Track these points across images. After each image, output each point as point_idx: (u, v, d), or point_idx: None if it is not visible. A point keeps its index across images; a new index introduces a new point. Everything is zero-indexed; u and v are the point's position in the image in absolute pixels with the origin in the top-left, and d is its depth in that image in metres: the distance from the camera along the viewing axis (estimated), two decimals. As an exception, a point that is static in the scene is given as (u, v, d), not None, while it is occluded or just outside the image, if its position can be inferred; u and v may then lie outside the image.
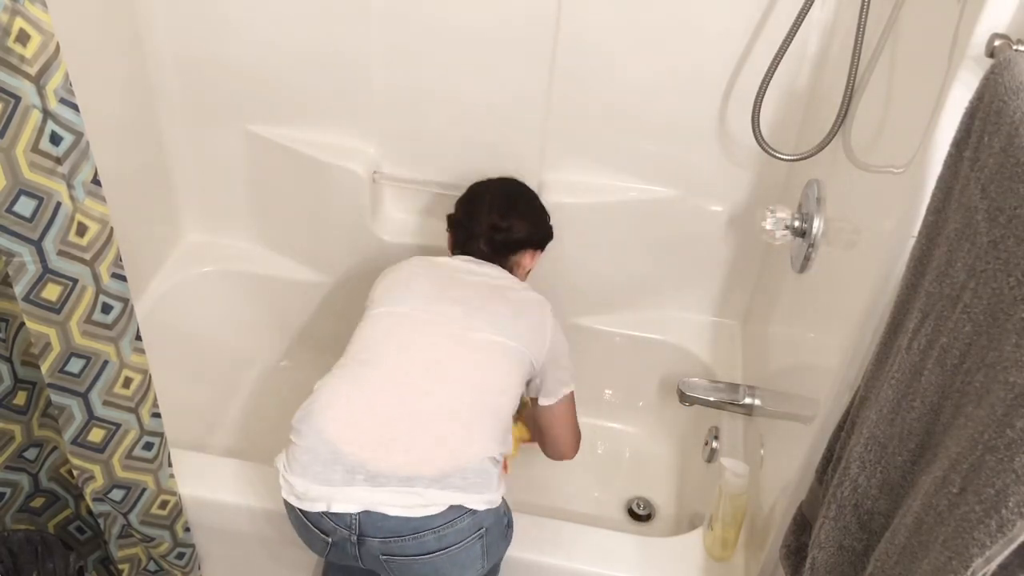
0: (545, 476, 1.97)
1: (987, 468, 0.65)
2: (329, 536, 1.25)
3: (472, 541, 1.25)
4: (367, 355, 1.35)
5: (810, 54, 1.54)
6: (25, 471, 1.41)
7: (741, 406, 1.69)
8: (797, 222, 1.42)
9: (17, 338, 1.27)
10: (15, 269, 1.10)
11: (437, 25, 1.62)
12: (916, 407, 0.82)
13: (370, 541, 1.22)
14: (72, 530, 1.54)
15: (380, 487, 1.21)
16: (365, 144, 1.82)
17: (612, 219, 1.81)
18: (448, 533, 1.22)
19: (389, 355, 1.34)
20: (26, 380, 1.32)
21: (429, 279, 1.47)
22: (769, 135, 1.49)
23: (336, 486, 1.22)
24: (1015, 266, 0.66)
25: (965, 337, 0.74)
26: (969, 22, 0.88)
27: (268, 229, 2.03)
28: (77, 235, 1.13)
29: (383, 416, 1.27)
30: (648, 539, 1.55)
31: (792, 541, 1.12)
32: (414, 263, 1.54)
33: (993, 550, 0.65)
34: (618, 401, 2.08)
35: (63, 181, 1.08)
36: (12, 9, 0.95)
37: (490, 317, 1.40)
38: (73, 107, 1.06)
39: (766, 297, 1.79)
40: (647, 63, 1.60)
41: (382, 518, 1.20)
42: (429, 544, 1.22)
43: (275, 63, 1.74)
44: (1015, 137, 0.69)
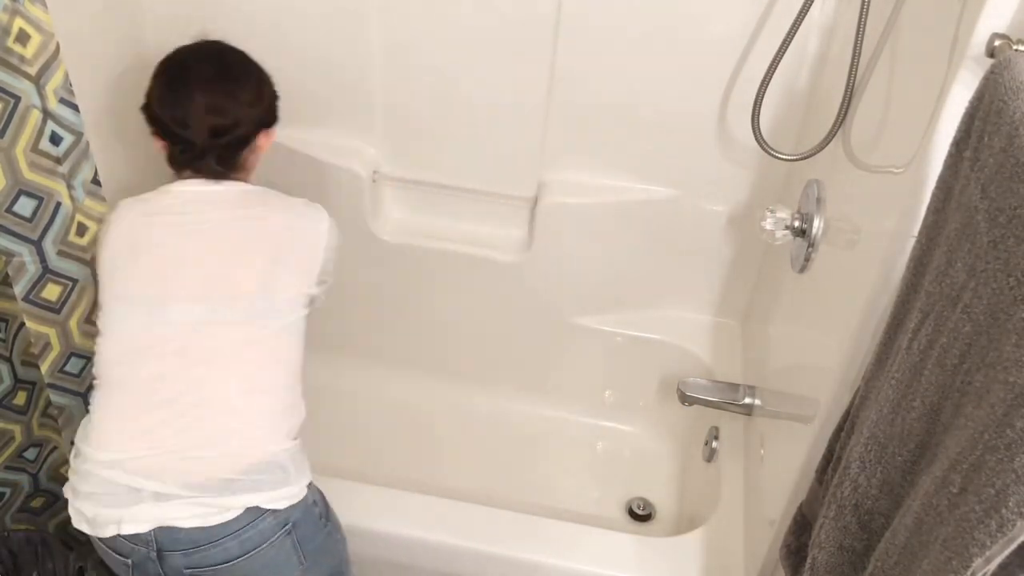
0: (545, 476, 1.98)
1: (987, 468, 0.65)
2: (128, 558, 1.18)
3: (279, 539, 1.19)
4: (120, 368, 1.21)
5: (810, 54, 1.54)
6: (25, 471, 1.41)
7: (741, 406, 1.69)
8: (797, 222, 1.42)
9: (17, 338, 1.27)
10: (15, 269, 1.10)
11: (437, 25, 1.62)
12: (916, 407, 0.82)
13: (171, 556, 1.16)
14: (72, 530, 1.54)
15: (168, 501, 1.14)
16: (365, 144, 1.82)
17: (612, 219, 1.81)
18: (251, 536, 1.17)
19: (142, 364, 1.20)
20: (26, 380, 1.32)
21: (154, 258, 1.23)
22: (769, 135, 1.49)
23: (124, 507, 1.15)
24: (1015, 266, 0.66)
25: (965, 337, 0.74)
26: (969, 22, 0.88)
27: (268, 229, 2.02)
28: (77, 235, 1.13)
29: (154, 427, 1.18)
30: (648, 539, 1.55)
31: (792, 541, 1.12)
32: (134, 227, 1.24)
33: (993, 550, 0.65)
34: (618, 401, 2.08)
35: (63, 181, 1.08)
36: (12, 9, 0.95)
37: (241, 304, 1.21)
38: (73, 107, 1.06)
39: (766, 297, 1.79)
40: (647, 63, 1.60)
41: (178, 531, 1.14)
42: (232, 550, 1.16)
43: (274, 63, 1.73)
44: (1015, 137, 0.68)
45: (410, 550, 1.51)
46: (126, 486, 1.15)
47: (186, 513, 1.14)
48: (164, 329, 1.21)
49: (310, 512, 1.24)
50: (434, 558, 1.51)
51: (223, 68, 1.33)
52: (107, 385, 1.21)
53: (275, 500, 1.18)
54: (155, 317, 1.21)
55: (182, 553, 1.16)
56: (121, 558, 1.19)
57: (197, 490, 1.15)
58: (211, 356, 1.21)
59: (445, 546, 1.49)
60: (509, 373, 2.07)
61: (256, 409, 1.21)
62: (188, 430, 1.18)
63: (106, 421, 1.19)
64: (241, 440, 1.19)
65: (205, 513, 1.15)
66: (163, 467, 1.16)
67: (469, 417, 2.08)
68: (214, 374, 1.21)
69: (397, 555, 1.53)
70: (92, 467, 1.17)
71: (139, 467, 1.16)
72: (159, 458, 1.16)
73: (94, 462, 1.17)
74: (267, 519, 1.18)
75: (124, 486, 1.15)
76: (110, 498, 1.16)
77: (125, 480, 1.16)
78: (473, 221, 1.89)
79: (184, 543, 1.15)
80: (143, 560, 1.18)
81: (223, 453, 1.17)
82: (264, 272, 1.23)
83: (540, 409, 2.09)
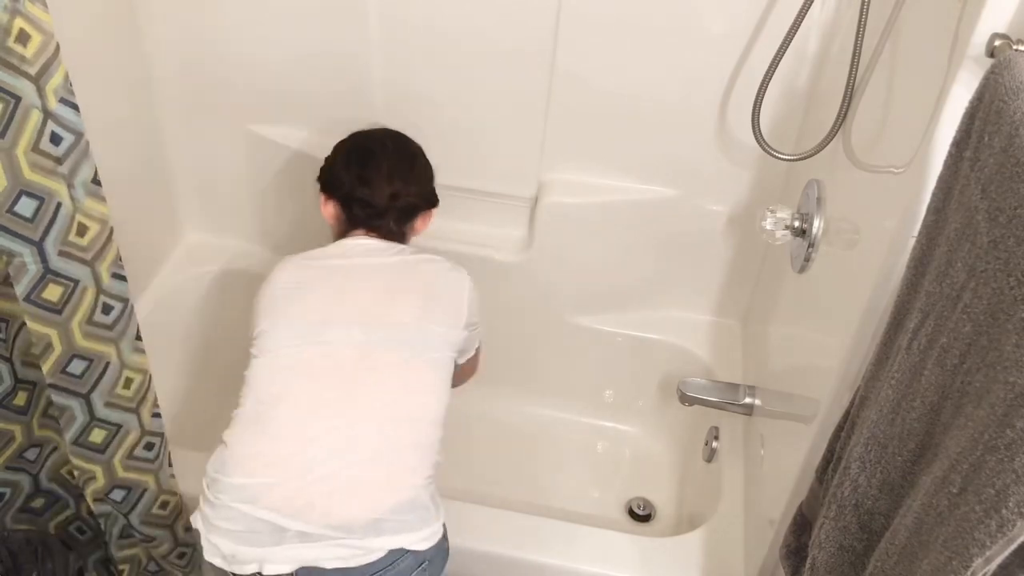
0: (545, 476, 1.98)
1: (987, 468, 0.65)
2: None
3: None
4: (268, 404, 1.24)
5: (810, 54, 1.54)
6: (25, 471, 1.41)
7: (741, 406, 1.69)
8: (797, 222, 1.42)
9: (17, 338, 1.27)
10: (16, 269, 1.10)
11: (437, 25, 1.62)
12: (916, 407, 0.82)
13: None
14: (72, 530, 1.54)
15: (313, 542, 1.14)
16: (365, 144, 1.82)
17: (612, 219, 1.81)
18: (389, 574, 1.16)
19: (294, 400, 1.23)
20: (26, 380, 1.32)
21: (317, 294, 1.33)
22: (769, 135, 1.49)
23: (266, 547, 1.14)
24: (1015, 266, 0.66)
25: (965, 337, 0.74)
26: (969, 22, 0.88)
27: (268, 229, 2.03)
28: (77, 235, 1.13)
29: (300, 466, 1.18)
30: (648, 539, 1.55)
31: (792, 541, 1.12)
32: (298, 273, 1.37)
33: (993, 550, 0.65)
34: (618, 401, 2.08)
35: (63, 181, 1.08)
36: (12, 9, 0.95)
37: (397, 332, 1.28)
38: (73, 107, 1.06)
39: (766, 297, 1.79)
40: (647, 63, 1.60)
41: (321, 572, 1.14)
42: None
43: (275, 63, 1.74)
44: (1015, 137, 0.69)
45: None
46: (270, 524, 1.15)
47: (330, 555, 1.14)
48: (322, 348, 1.26)
49: (443, 549, 1.25)
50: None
51: (402, 146, 1.51)
52: (255, 408, 1.23)
53: (418, 541, 1.18)
54: (314, 337, 1.27)
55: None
56: None
57: (343, 531, 1.14)
58: (365, 376, 1.24)
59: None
60: (509, 373, 2.07)
61: (405, 437, 1.22)
62: (337, 473, 1.18)
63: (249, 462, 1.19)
64: (387, 476, 1.19)
65: (350, 555, 1.14)
66: (307, 508, 1.15)
67: (469, 417, 2.07)
68: (367, 395, 1.24)
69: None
70: (230, 500, 1.17)
71: (283, 506, 1.15)
72: (304, 498, 1.16)
73: (237, 496, 1.17)
74: (408, 558, 1.17)
75: (268, 523, 1.15)
76: (252, 536, 1.15)
77: (269, 517, 1.15)
78: (473, 221, 1.89)
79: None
80: None
81: (369, 496, 1.17)
82: (418, 307, 1.32)
83: (540, 409, 2.10)
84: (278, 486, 1.17)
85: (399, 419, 1.24)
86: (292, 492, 1.17)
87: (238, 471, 1.19)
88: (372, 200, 1.41)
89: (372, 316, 1.29)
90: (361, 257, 1.38)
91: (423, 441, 1.24)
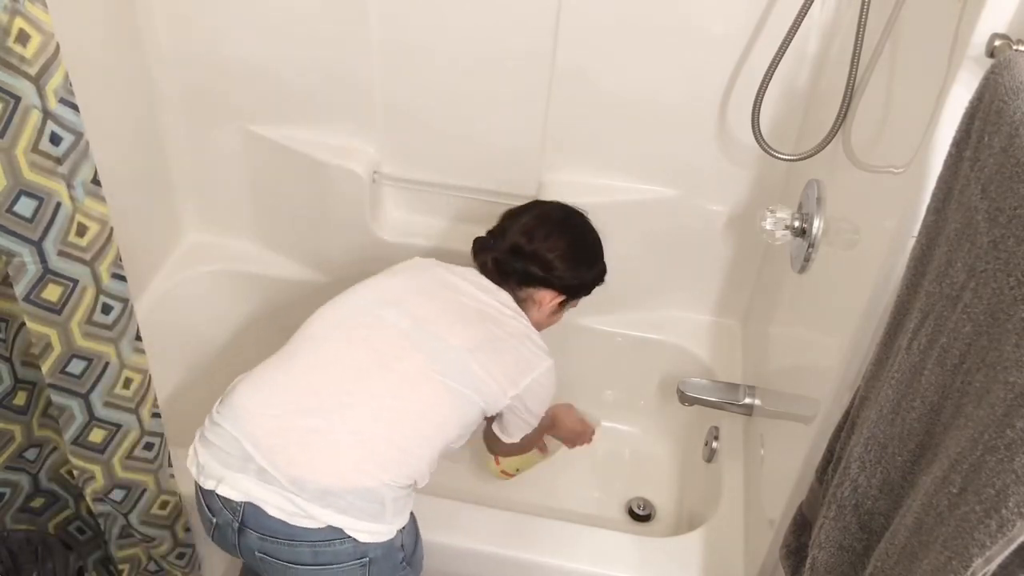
0: (545, 476, 1.97)
1: (987, 468, 0.65)
2: (215, 517, 1.22)
3: (352, 568, 1.20)
4: (297, 342, 1.30)
5: (810, 54, 1.54)
6: (25, 471, 1.41)
7: (741, 406, 1.69)
8: (797, 222, 1.42)
9: (17, 338, 1.27)
10: (15, 269, 1.10)
11: (437, 25, 1.62)
12: (916, 407, 0.82)
13: (250, 533, 1.19)
14: (72, 530, 1.54)
15: (267, 483, 1.17)
16: (365, 144, 1.82)
17: (612, 219, 1.80)
18: (324, 552, 1.18)
19: (318, 347, 1.28)
20: (26, 380, 1.32)
21: (405, 283, 1.39)
22: (769, 135, 1.49)
23: (230, 469, 1.18)
24: (1015, 266, 0.66)
25: (965, 337, 0.74)
26: (969, 22, 0.88)
27: (268, 229, 2.03)
28: (77, 235, 1.13)
29: (291, 409, 1.21)
30: (648, 539, 1.55)
31: (792, 541, 1.12)
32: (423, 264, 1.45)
33: (993, 550, 0.65)
34: (618, 401, 2.08)
35: (63, 181, 1.08)
36: (12, 9, 0.95)
37: (441, 346, 1.28)
38: (73, 107, 1.06)
39: (766, 297, 1.79)
40: (647, 63, 1.60)
41: (264, 515, 1.17)
42: (304, 556, 1.18)
43: (275, 63, 1.74)
44: (1015, 137, 0.69)
45: (410, 550, 1.51)
46: (241, 448, 1.18)
47: (276, 502, 1.16)
48: (370, 319, 1.30)
49: (392, 554, 1.25)
50: (434, 558, 1.51)
51: (571, 229, 1.50)
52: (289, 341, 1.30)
53: (359, 531, 1.18)
54: (372, 307, 1.32)
55: (259, 536, 1.19)
56: (209, 514, 1.23)
57: (296, 486, 1.16)
58: (390, 363, 1.25)
59: (445, 546, 1.49)
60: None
61: (389, 438, 1.22)
62: (319, 431, 1.20)
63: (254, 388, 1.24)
64: (360, 457, 1.19)
65: (292, 512, 1.16)
66: (277, 450, 1.18)
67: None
68: (378, 380, 1.24)
69: (397, 555, 1.53)
70: (222, 417, 1.22)
71: (259, 438, 1.19)
72: (280, 439, 1.19)
73: (229, 415, 1.22)
74: (347, 544, 1.18)
75: (240, 447, 1.19)
76: (223, 455, 1.20)
77: (243, 441, 1.19)
78: (473, 221, 1.89)
79: (264, 528, 1.18)
80: (226, 525, 1.21)
81: (333, 466, 1.18)
82: (478, 344, 1.30)
83: (540, 409, 2.09)
84: (263, 416, 1.20)
85: (397, 420, 1.24)
86: (272, 428, 1.20)
87: (242, 391, 1.24)
88: (495, 236, 1.46)
89: (430, 322, 1.30)
90: (468, 281, 1.40)
91: (410, 452, 1.23)
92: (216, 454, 1.20)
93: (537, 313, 1.47)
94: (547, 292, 1.46)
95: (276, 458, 1.17)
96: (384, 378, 1.25)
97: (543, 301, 1.46)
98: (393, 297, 1.34)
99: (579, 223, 1.53)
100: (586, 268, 1.51)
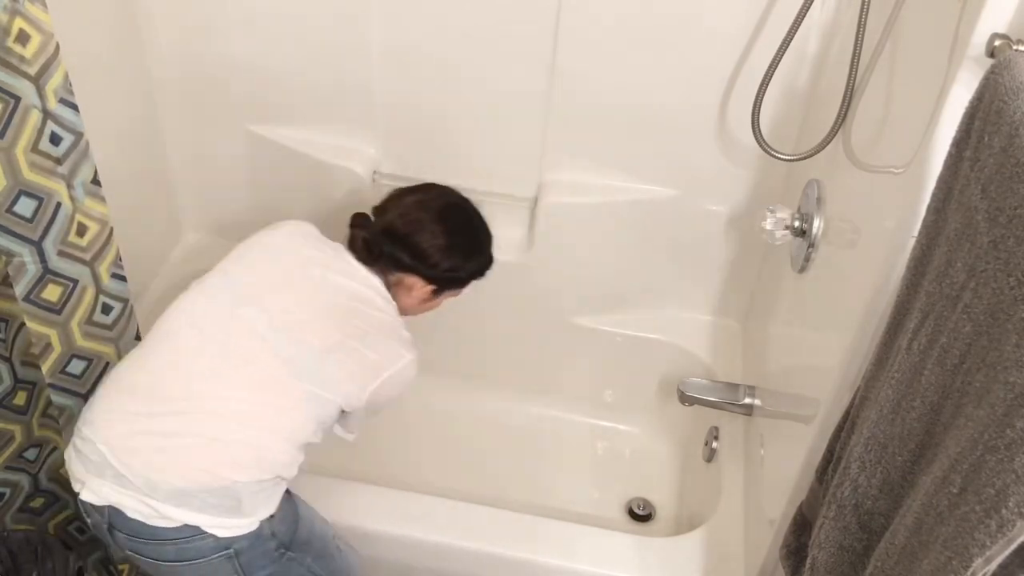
0: (545, 476, 1.98)
1: (987, 468, 0.65)
2: (88, 518, 1.23)
3: (219, 561, 1.21)
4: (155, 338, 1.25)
5: (810, 54, 1.54)
6: (25, 471, 1.41)
7: (741, 406, 1.69)
8: (797, 222, 1.42)
9: (17, 338, 1.27)
10: (15, 269, 1.10)
11: (437, 24, 1.62)
12: (916, 407, 0.82)
13: (118, 533, 1.20)
14: (72, 530, 1.54)
15: (123, 488, 1.17)
16: (365, 144, 1.82)
17: (612, 219, 1.81)
18: (187, 548, 1.19)
19: (174, 346, 1.24)
20: (26, 380, 1.32)
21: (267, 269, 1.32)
22: (769, 135, 1.49)
23: (91, 473, 1.18)
24: (1015, 266, 0.66)
25: (965, 337, 0.74)
26: (969, 22, 0.88)
27: (268, 229, 2.03)
28: (77, 235, 1.13)
29: (144, 412, 1.20)
30: (648, 539, 1.55)
31: (792, 541, 1.12)
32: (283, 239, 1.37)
33: (993, 550, 0.65)
34: (618, 401, 2.08)
35: (63, 181, 1.08)
36: (12, 9, 0.95)
37: (298, 349, 1.24)
38: (73, 107, 1.06)
39: (766, 297, 1.79)
40: (647, 63, 1.60)
41: (125, 517, 1.18)
42: (168, 553, 1.19)
43: (275, 63, 1.73)
44: (1015, 137, 0.69)
45: (410, 550, 1.51)
46: (100, 454, 1.17)
47: (132, 505, 1.17)
48: (228, 319, 1.25)
49: (260, 544, 1.24)
50: (434, 558, 1.51)
51: (456, 216, 1.43)
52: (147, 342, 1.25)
53: (216, 527, 1.18)
54: (230, 305, 1.26)
55: (126, 536, 1.20)
56: (84, 515, 1.24)
57: (149, 489, 1.16)
58: (243, 368, 1.22)
59: (445, 546, 1.49)
60: (509, 373, 2.07)
61: (242, 439, 1.20)
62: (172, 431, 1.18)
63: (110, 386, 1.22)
64: (212, 460, 1.18)
65: (149, 514, 1.17)
66: (130, 452, 1.17)
67: (469, 417, 2.08)
68: (230, 382, 1.22)
69: (397, 555, 1.53)
70: (83, 421, 1.20)
71: (112, 441, 1.18)
72: (132, 441, 1.18)
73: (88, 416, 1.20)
74: (207, 539, 1.19)
75: (99, 453, 1.17)
76: (84, 459, 1.19)
77: (100, 447, 1.17)
78: (473, 221, 1.89)
79: (128, 529, 1.19)
80: (97, 525, 1.22)
81: (190, 460, 1.18)
82: (338, 342, 1.26)
83: (540, 409, 2.09)
84: (119, 422, 1.19)
85: (249, 422, 1.21)
86: (126, 432, 1.19)
87: (102, 395, 1.21)
88: (373, 216, 1.40)
89: (287, 323, 1.25)
90: (333, 272, 1.33)
91: (266, 451, 1.22)
92: (80, 458, 1.20)
93: (407, 299, 1.41)
94: (417, 279, 1.40)
95: (131, 462, 1.17)
96: (237, 380, 1.22)
97: (413, 287, 1.40)
98: (252, 292, 1.28)
99: (463, 213, 1.45)
100: (462, 260, 1.42)
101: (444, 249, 1.39)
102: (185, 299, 1.28)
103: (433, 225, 1.39)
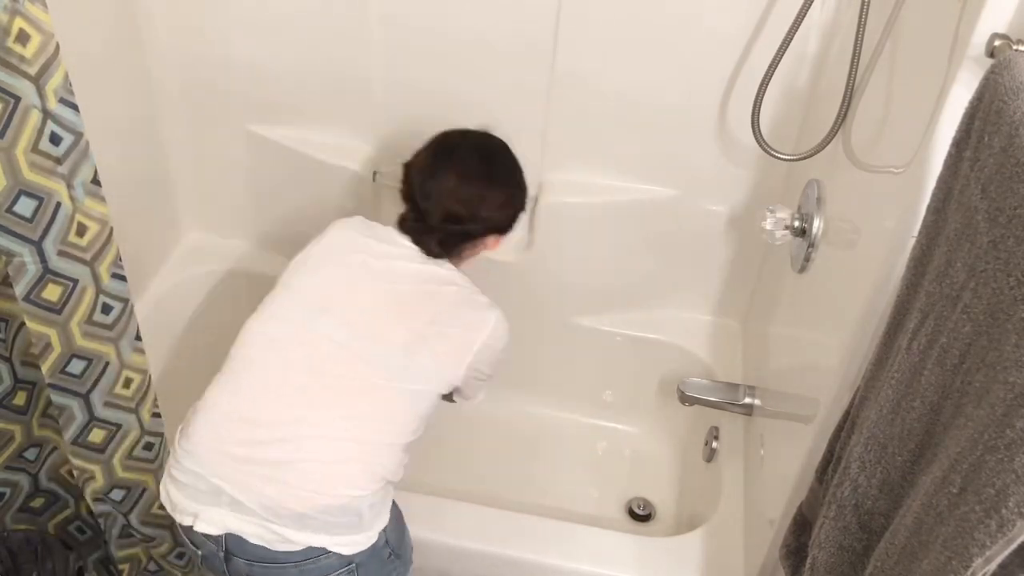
0: (545, 476, 1.98)
1: (987, 468, 0.65)
2: (200, 549, 1.23)
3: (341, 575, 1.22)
4: (240, 366, 1.25)
5: (810, 54, 1.54)
6: (25, 471, 1.41)
7: (741, 406, 1.69)
8: (797, 222, 1.42)
9: (17, 338, 1.27)
10: (15, 269, 1.10)
11: (437, 24, 1.62)
12: (916, 407, 0.82)
13: (236, 560, 1.20)
14: (72, 530, 1.54)
15: (242, 514, 1.17)
16: (365, 144, 1.82)
17: (612, 219, 1.81)
18: (310, 569, 1.18)
19: (263, 372, 1.23)
20: (26, 380, 1.32)
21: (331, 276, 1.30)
22: (769, 135, 1.49)
23: (203, 504, 1.18)
24: (1015, 266, 0.66)
25: (965, 337, 0.74)
26: (969, 22, 0.88)
27: (268, 229, 2.03)
28: (77, 235, 1.13)
29: (248, 440, 1.19)
30: (648, 539, 1.55)
31: (792, 541, 1.12)
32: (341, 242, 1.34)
33: (993, 550, 0.65)
34: (618, 401, 2.08)
35: (63, 181, 1.08)
36: (12, 9, 0.95)
37: (382, 351, 1.23)
38: (73, 107, 1.06)
39: (766, 297, 1.79)
40: (647, 63, 1.60)
41: (246, 543, 1.17)
42: (291, 574, 1.19)
43: (275, 63, 1.74)
44: (1015, 137, 0.69)
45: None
46: (210, 484, 1.17)
47: (253, 531, 1.17)
48: (306, 334, 1.24)
49: (378, 554, 1.24)
50: (434, 558, 1.51)
51: (488, 166, 1.38)
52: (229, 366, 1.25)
53: (341, 545, 1.18)
54: (304, 322, 1.25)
55: (246, 562, 1.19)
56: (193, 547, 1.24)
57: (270, 515, 1.16)
58: (333, 381, 1.22)
59: (445, 546, 1.49)
60: (509, 373, 2.06)
61: (351, 455, 1.20)
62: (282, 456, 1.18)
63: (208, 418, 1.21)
64: (328, 481, 1.18)
65: (271, 539, 1.17)
66: (245, 480, 1.17)
67: (469, 417, 2.07)
68: (324, 401, 1.21)
69: (397, 555, 1.53)
70: (187, 451, 1.20)
71: (225, 471, 1.18)
72: (245, 469, 1.17)
73: (191, 448, 1.20)
74: (331, 557, 1.18)
75: (209, 484, 1.18)
76: (192, 491, 1.19)
77: (209, 480, 1.17)
78: (473, 221, 1.89)
79: (248, 554, 1.18)
80: (212, 555, 1.21)
81: (304, 485, 1.17)
82: (417, 334, 1.25)
83: (540, 409, 2.10)
84: (224, 455, 1.19)
85: (355, 436, 1.21)
86: (236, 464, 1.18)
87: (199, 427, 1.21)
88: (428, 213, 1.33)
89: (365, 325, 1.25)
90: (394, 260, 1.32)
91: (375, 461, 1.21)
92: (185, 491, 1.19)
93: (475, 255, 1.41)
94: (491, 236, 1.39)
95: (247, 490, 1.17)
96: (333, 397, 1.21)
97: (488, 244, 1.40)
98: (322, 301, 1.27)
99: (496, 157, 1.41)
100: (521, 194, 1.42)
101: (506, 203, 1.39)
102: (256, 322, 1.28)
103: (486, 190, 1.36)
